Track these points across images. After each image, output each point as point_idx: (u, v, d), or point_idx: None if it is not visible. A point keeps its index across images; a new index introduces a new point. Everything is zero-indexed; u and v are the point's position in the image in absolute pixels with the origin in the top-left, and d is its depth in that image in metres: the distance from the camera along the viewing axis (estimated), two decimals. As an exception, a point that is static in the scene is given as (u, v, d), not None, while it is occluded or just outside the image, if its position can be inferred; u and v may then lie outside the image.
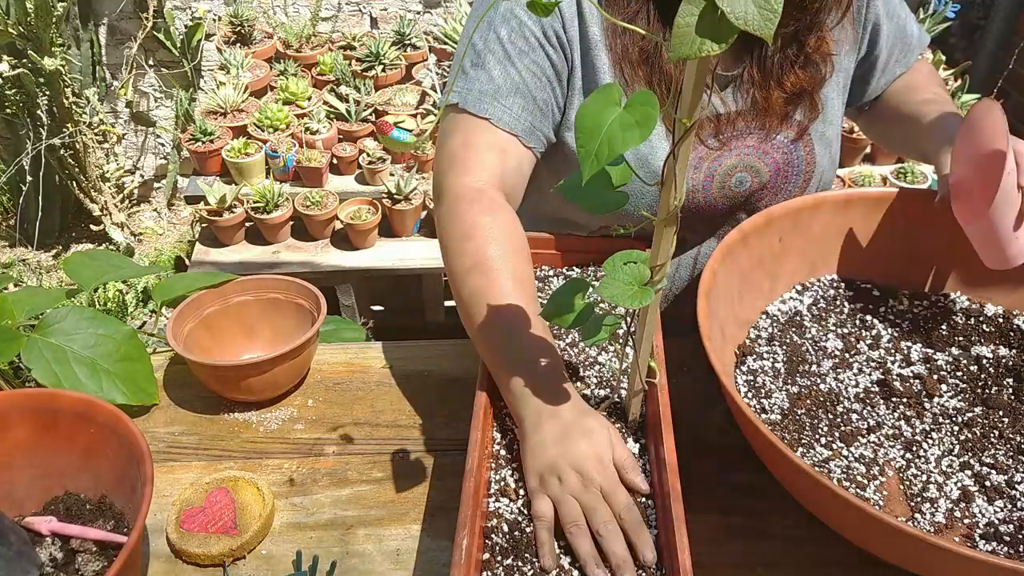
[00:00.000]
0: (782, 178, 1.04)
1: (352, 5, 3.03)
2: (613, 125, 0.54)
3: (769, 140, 1.01)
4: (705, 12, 0.45)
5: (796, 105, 1.01)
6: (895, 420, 0.87)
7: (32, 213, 2.93)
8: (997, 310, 1.01)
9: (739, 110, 0.99)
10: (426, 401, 1.02)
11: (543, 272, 1.04)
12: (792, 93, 0.99)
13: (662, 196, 0.61)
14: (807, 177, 1.06)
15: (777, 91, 0.98)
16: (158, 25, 2.93)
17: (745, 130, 1.00)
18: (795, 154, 1.03)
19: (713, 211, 1.04)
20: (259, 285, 1.08)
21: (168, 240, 3.17)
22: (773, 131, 1.01)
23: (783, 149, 1.02)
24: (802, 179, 1.05)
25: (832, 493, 0.65)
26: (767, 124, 1.00)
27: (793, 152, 1.03)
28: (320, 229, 2.45)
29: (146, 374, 0.98)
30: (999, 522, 0.77)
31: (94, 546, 0.78)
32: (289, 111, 2.57)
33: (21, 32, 2.54)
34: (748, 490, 0.87)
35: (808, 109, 1.02)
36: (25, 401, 0.82)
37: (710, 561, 0.79)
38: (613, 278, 0.65)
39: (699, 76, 0.52)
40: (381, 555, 0.83)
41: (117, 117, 3.20)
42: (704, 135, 0.99)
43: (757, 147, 1.01)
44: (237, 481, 0.88)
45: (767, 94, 0.98)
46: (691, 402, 0.94)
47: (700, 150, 0.99)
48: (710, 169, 1.00)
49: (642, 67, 0.95)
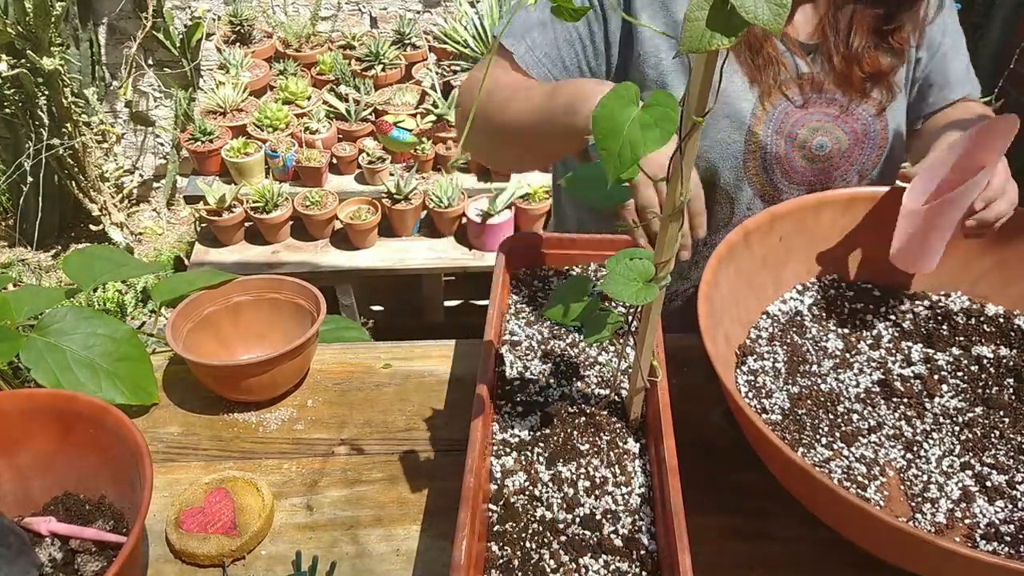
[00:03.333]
0: (859, 148, 1.07)
1: (352, 4, 3.03)
2: (632, 126, 0.53)
3: (850, 111, 1.05)
4: (715, 6, 0.45)
5: (874, 85, 1.05)
6: (896, 420, 0.87)
7: (31, 213, 2.93)
8: (997, 310, 1.01)
9: (821, 74, 1.03)
10: (426, 401, 1.02)
11: (543, 272, 1.04)
12: (869, 74, 1.03)
13: (668, 192, 0.61)
14: (879, 152, 1.09)
15: (856, 67, 1.02)
16: (157, 25, 2.92)
17: (828, 95, 1.04)
18: (873, 127, 1.06)
19: (792, 171, 1.06)
20: (259, 285, 1.08)
21: (167, 240, 3.17)
22: (854, 102, 1.05)
23: (862, 120, 1.06)
24: (875, 153, 1.09)
25: (833, 493, 0.65)
26: (848, 94, 1.04)
27: (871, 125, 1.06)
28: (320, 229, 2.45)
29: (146, 374, 0.97)
30: (1000, 522, 0.77)
31: (94, 546, 0.78)
32: (289, 111, 2.57)
33: (20, 32, 2.54)
34: (748, 490, 0.87)
35: (885, 90, 1.06)
36: (25, 401, 0.82)
37: (710, 561, 0.79)
38: (617, 274, 0.65)
39: (707, 72, 0.52)
40: (381, 555, 0.83)
41: (116, 117, 3.20)
42: (790, 92, 1.03)
43: (838, 116, 1.05)
44: (237, 481, 0.88)
45: (847, 68, 1.02)
46: (691, 402, 0.94)
47: (784, 106, 1.02)
48: (793, 128, 1.03)
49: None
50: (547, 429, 0.81)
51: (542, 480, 0.77)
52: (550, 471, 0.77)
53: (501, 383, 0.87)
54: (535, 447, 0.80)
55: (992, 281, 1.02)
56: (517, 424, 0.82)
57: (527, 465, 0.78)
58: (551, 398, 0.85)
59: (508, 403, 0.85)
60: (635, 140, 0.53)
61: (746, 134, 1.01)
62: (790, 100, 1.02)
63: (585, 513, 0.73)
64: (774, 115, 1.01)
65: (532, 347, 0.92)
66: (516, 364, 0.90)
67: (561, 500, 0.75)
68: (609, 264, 0.67)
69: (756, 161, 1.04)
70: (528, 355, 0.91)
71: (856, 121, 1.05)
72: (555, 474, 0.77)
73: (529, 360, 0.90)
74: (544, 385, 0.87)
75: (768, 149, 1.03)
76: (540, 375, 0.88)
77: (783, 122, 1.01)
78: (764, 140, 1.02)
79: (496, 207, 2.41)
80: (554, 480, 0.76)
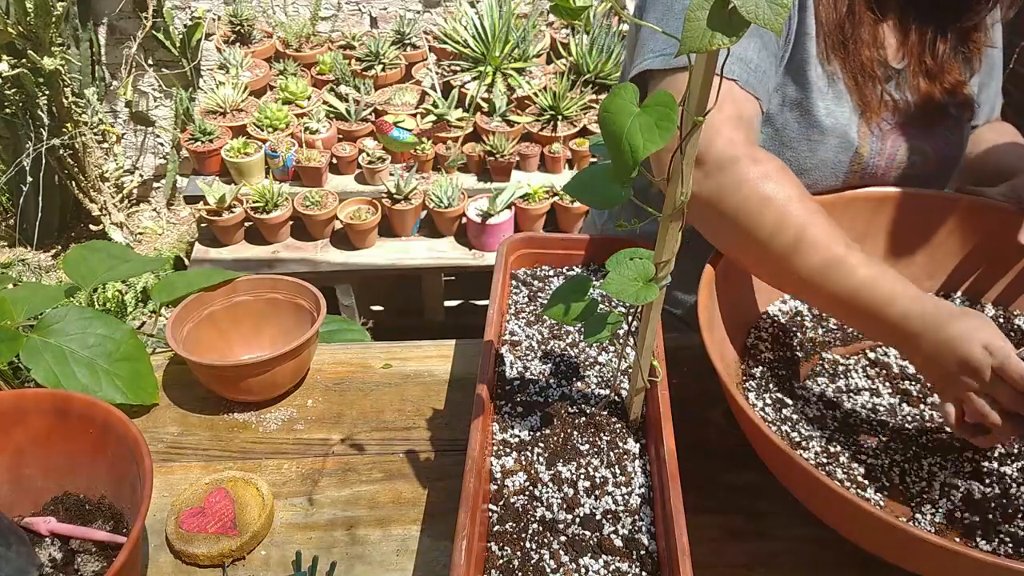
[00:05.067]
0: (938, 166, 1.06)
1: (352, 4, 3.03)
2: (632, 128, 0.53)
3: (933, 129, 1.03)
4: (716, 6, 0.45)
5: (953, 101, 1.04)
6: (896, 420, 0.87)
7: (31, 213, 2.93)
8: (998, 310, 1.01)
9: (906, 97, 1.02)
10: (426, 401, 1.02)
11: (543, 272, 1.04)
12: (949, 88, 1.02)
13: (668, 191, 0.61)
14: (954, 169, 1.08)
15: (938, 86, 1.01)
16: (157, 24, 2.93)
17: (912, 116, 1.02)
18: (956, 145, 1.06)
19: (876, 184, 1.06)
20: (259, 285, 1.08)
21: (167, 240, 3.17)
22: (937, 124, 1.03)
23: (944, 139, 1.05)
24: (953, 170, 1.08)
25: (833, 493, 0.65)
26: (930, 114, 1.03)
27: (954, 144, 1.06)
28: (320, 229, 2.45)
29: (146, 374, 0.97)
30: (1000, 522, 0.77)
31: (93, 546, 0.78)
32: (288, 111, 2.57)
33: (20, 32, 2.54)
34: (748, 490, 0.87)
35: (963, 106, 1.05)
36: (25, 401, 0.82)
37: (710, 561, 0.79)
38: (617, 274, 0.65)
39: (708, 71, 0.52)
40: (381, 555, 0.83)
41: (116, 117, 3.20)
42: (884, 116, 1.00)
43: (926, 134, 1.03)
44: (237, 481, 0.88)
45: (929, 84, 1.01)
46: (691, 402, 0.94)
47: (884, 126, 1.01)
48: (892, 149, 1.02)
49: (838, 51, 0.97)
50: (547, 429, 0.81)
51: (542, 480, 0.77)
52: (550, 471, 0.77)
53: (501, 383, 0.87)
54: (535, 447, 0.80)
55: (992, 281, 1.02)
56: (517, 424, 0.82)
57: (527, 465, 0.78)
58: (551, 398, 0.85)
59: (508, 403, 0.85)
60: (635, 143, 0.53)
61: (852, 154, 1.00)
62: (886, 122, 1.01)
63: (585, 513, 0.73)
64: (877, 134, 1.00)
65: (532, 347, 0.92)
66: (516, 364, 0.90)
67: (561, 500, 0.75)
68: (610, 263, 0.67)
69: (856, 180, 1.03)
70: (528, 355, 0.91)
71: (939, 137, 1.04)
72: (555, 474, 0.77)
73: (529, 360, 0.90)
74: (544, 385, 0.87)
75: (868, 170, 1.02)
76: (540, 375, 0.88)
77: (883, 143, 1.01)
78: (868, 161, 1.01)
79: (496, 207, 2.41)
80: (554, 480, 0.76)
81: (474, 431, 0.74)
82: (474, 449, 0.72)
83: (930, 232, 1.03)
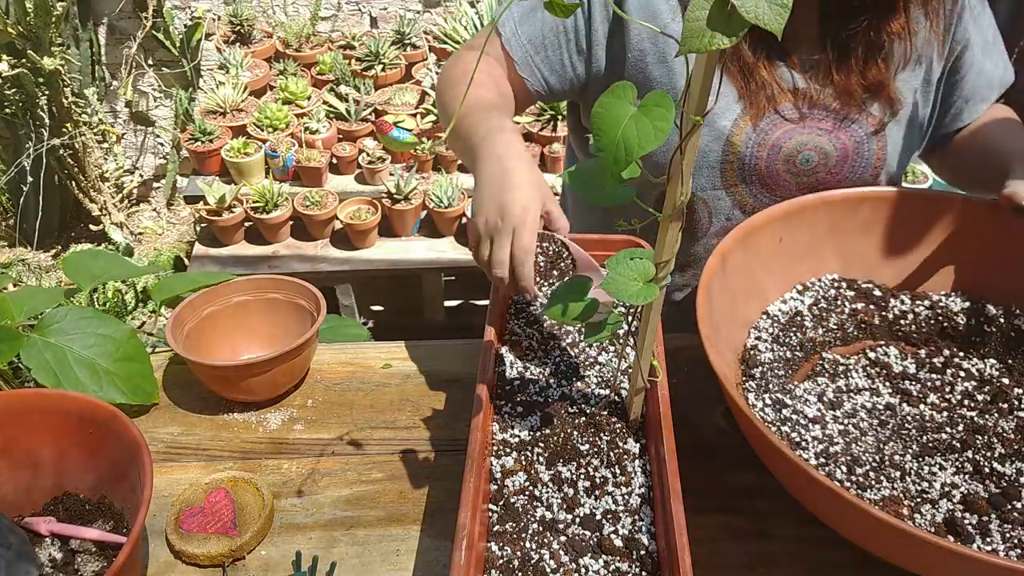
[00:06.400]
0: (848, 167, 1.05)
1: (352, 4, 3.03)
2: (628, 127, 0.53)
3: (844, 127, 1.03)
4: (716, 6, 0.45)
5: (874, 98, 1.02)
6: (896, 420, 0.87)
7: (31, 213, 2.93)
8: (998, 310, 1.01)
9: (818, 89, 1.01)
10: (426, 401, 1.02)
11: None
12: (870, 83, 1.01)
13: (668, 191, 0.61)
14: (875, 172, 1.07)
15: (856, 76, 1.00)
16: (157, 24, 2.93)
17: (822, 111, 1.02)
18: (867, 146, 1.04)
19: (775, 184, 1.05)
20: (258, 285, 1.08)
21: (167, 240, 3.17)
22: (850, 119, 1.02)
23: (856, 138, 1.03)
24: (869, 172, 1.07)
25: (833, 493, 0.65)
26: (844, 109, 1.02)
27: (865, 144, 1.04)
28: (320, 229, 2.45)
29: (146, 374, 0.97)
30: (1000, 522, 0.76)
31: (93, 546, 0.78)
32: (288, 111, 2.57)
33: (20, 32, 2.54)
34: (748, 490, 0.87)
35: (887, 105, 1.03)
36: (25, 401, 0.82)
37: (710, 561, 0.79)
38: (618, 274, 0.65)
39: (707, 71, 0.52)
40: (381, 555, 0.83)
41: (116, 117, 3.20)
42: (782, 107, 1.01)
43: (831, 131, 1.02)
44: (236, 481, 0.88)
45: (846, 78, 1.00)
46: (691, 402, 0.94)
47: (772, 118, 1.01)
48: (778, 141, 1.01)
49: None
50: (547, 429, 0.81)
51: (542, 480, 0.77)
52: (550, 471, 0.77)
53: (501, 383, 0.87)
54: (535, 447, 0.80)
55: (992, 281, 1.02)
56: (517, 424, 0.82)
57: (527, 465, 0.78)
58: (551, 398, 0.85)
59: (508, 403, 0.85)
60: (630, 141, 0.53)
61: (724, 143, 1.00)
62: (781, 115, 1.01)
63: (585, 513, 0.73)
64: (758, 127, 1.00)
65: (532, 347, 0.92)
66: (516, 364, 0.90)
67: (561, 500, 0.75)
68: (610, 263, 0.67)
69: (734, 171, 1.03)
70: (528, 355, 0.91)
71: (849, 138, 1.03)
72: (555, 474, 0.77)
73: (529, 360, 0.90)
74: (544, 385, 0.87)
75: (747, 160, 1.02)
76: (540, 375, 0.88)
77: (767, 134, 1.00)
78: (743, 151, 1.01)
79: (496, 207, 2.40)
80: (554, 480, 0.76)
81: (474, 431, 0.74)
82: (474, 449, 0.72)
83: (929, 231, 1.02)
